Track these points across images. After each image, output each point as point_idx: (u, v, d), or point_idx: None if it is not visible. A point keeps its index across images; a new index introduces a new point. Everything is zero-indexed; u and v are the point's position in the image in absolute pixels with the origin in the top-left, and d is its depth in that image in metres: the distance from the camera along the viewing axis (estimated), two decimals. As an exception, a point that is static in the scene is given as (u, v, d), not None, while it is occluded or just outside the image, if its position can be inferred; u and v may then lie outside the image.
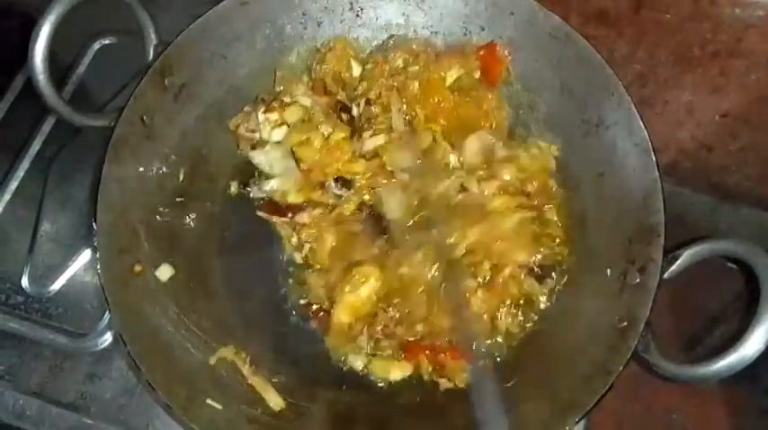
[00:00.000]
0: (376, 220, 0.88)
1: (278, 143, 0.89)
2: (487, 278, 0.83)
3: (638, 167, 0.77)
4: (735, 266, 0.99)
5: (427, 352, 0.83)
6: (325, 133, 0.87)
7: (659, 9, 0.91)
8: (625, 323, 0.71)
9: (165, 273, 0.82)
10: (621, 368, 0.69)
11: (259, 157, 0.90)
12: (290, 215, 0.88)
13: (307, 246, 0.88)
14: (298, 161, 0.88)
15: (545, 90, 0.88)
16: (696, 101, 1.00)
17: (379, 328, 0.83)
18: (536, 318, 0.84)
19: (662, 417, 0.92)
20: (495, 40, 0.89)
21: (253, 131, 0.89)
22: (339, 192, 0.88)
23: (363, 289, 0.83)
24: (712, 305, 1.00)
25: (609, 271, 0.77)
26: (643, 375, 0.73)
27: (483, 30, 0.89)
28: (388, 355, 0.83)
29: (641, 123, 0.77)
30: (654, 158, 0.76)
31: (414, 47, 0.91)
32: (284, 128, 0.88)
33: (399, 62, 0.90)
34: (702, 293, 0.97)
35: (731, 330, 0.97)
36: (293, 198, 0.90)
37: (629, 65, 0.97)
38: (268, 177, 0.91)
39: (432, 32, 0.93)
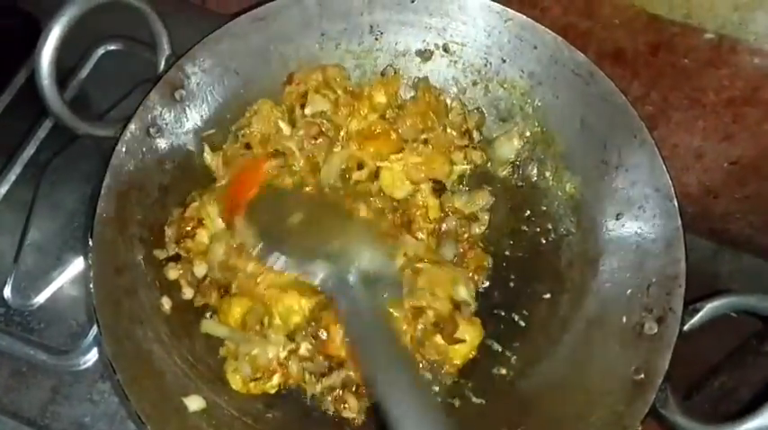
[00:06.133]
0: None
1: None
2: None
3: (659, 213, 0.76)
4: (734, 315, 0.98)
5: None
6: None
7: (678, 53, 0.90)
8: (642, 375, 0.69)
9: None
10: (639, 424, 0.66)
11: None
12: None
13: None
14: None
15: (564, 127, 0.87)
16: (706, 146, 1.00)
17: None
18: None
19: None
20: (516, 72, 0.88)
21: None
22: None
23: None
24: (710, 355, 0.98)
25: (624, 318, 0.75)
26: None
27: (504, 62, 0.88)
28: None
29: (664, 168, 0.76)
30: (676, 205, 0.75)
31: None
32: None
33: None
34: (700, 342, 0.94)
35: (730, 381, 0.96)
36: None
37: (641, 106, 0.95)
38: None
39: (450, 61, 0.91)
